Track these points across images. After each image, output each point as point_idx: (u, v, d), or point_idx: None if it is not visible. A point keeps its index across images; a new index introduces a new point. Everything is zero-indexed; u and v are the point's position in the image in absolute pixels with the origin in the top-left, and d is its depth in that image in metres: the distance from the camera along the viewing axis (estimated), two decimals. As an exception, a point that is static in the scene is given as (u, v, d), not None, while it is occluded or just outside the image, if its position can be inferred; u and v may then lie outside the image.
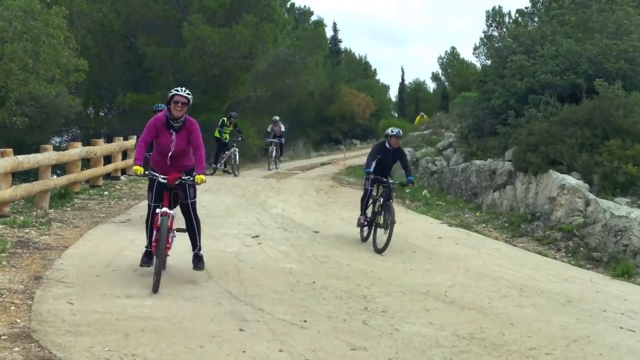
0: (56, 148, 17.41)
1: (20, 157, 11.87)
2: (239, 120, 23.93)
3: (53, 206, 13.18)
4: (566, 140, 13.80)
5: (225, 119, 22.30)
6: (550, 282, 9.28)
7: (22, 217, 11.48)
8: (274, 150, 26.17)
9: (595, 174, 13.16)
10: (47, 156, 13.19)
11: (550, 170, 13.58)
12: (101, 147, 17.25)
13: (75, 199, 14.44)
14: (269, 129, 26.64)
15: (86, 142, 18.74)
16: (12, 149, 11.97)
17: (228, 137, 22.19)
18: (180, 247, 9.92)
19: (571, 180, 12.94)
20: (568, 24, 18.83)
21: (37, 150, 13.65)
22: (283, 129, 26.63)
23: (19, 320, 6.23)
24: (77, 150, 15.06)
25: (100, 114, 32.16)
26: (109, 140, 20.47)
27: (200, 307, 6.99)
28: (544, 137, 14.18)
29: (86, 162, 16.98)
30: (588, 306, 8.07)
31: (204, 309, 6.91)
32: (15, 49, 17.50)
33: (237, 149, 22.31)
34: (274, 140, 26.08)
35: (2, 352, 5.45)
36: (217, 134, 22.15)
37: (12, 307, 6.60)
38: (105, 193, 15.76)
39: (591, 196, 12.43)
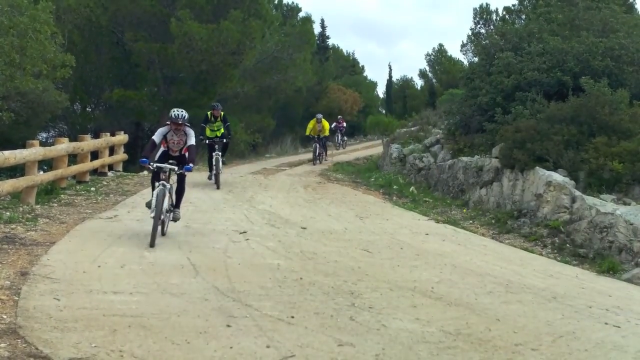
0: (43, 144, 17.34)
1: (7, 153, 11.81)
2: (225, 115, 18.27)
3: (39, 202, 13.13)
4: (552, 138, 13.87)
5: (208, 113, 17.60)
6: (536, 278, 9.33)
7: (8, 213, 11.43)
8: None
9: (581, 171, 13.23)
10: (34, 152, 13.13)
11: (537, 167, 13.65)
12: (88, 143, 17.20)
13: (62, 195, 14.39)
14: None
15: (73, 138, 18.65)
16: (-3, 144, 11.91)
17: (218, 134, 17.47)
18: (168, 244, 9.93)
19: (557, 177, 13.01)
20: (555, 22, 18.92)
21: (24, 146, 13.59)
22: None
23: (5, 316, 6.21)
24: (64, 146, 15.00)
25: (87, 109, 32.03)
26: (96, 136, 20.39)
27: (187, 303, 6.99)
28: (531, 134, 14.25)
29: (73, 158, 16.92)
30: (574, 302, 8.12)
31: (191, 305, 6.90)
32: (2, 44, 17.41)
33: (219, 154, 17.17)
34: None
35: (-11, 348, 5.44)
36: (207, 133, 17.65)
37: (-1, 303, 6.58)
38: (92, 189, 15.71)
39: (577, 193, 12.50)
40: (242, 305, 7.03)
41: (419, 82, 64.07)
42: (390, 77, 65.63)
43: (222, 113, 17.72)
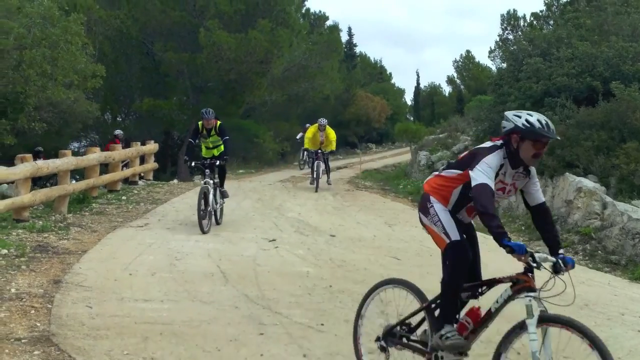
0: (75, 153, 17.57)
1: (40, 162, 12.00)
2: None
3: (72, 211, 13.30)
4: (582, 143, 13.75)
5: (199, 124, 13.01)
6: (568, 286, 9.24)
7: (41, 222, 11.60)
8: None
9: (612, 177, 13.10)
10: (66, 161, 13.32)
11: (567, 173, 13.54)
12: (119, 152, 17.38)
13: (94, 204, 14.56)
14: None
15: (104, 147, 18.88)
16: (31, 155, 12.10)
17: (215, 153, 13.00)
18: (198, 252, 10.00)
19: (588, 183, 12.89)
20: (583, 27, 18.77)
21: (56, 156, 13.79)
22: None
23: (38, 324, 6.30)
24: (95, 155, 15.18)
25: (118, 119, 32.42)
26: (127, 145, 20.61)
27: (217, 310, 7.03)
28: (560, 140, 14.12)
29: (104, 167, 17.12)
30: (606, 310, 8.03)
31: (221, 313, 6.95)
32: (34, 56, 17.69)
33: (210, 183, 12.28)
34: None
35: (23, 355, 5.52)
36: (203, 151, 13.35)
37: (32, 311, 6.67)
38: (123, 198, 15.86)
39: (608, 199, 12.37)
40: (272, 312, 7.06)
41: (446, 89, 63.96)
42: (418, 84, 65.55)
43: (219, 123, 12.89)
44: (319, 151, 19.60)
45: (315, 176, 19.23)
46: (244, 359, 5.72)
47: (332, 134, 19.89)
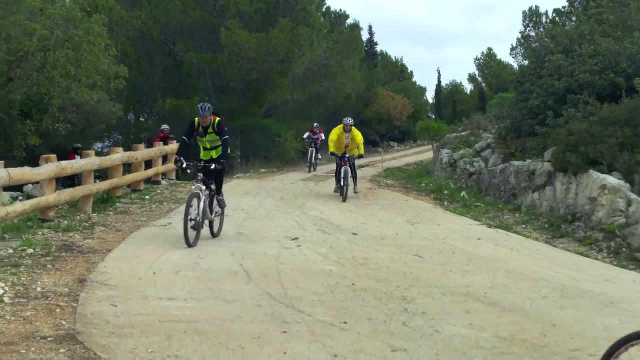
0: (98, 153, 17.73)
1: (64, 163, 12.11)
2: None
3: (96, 210, 13.42)
4: (606, 140, 13.63)
5: (195, 120, 11.04)
6: (592, 283, 9.18)
7: (66, 222, 11.71)
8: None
9: (637, 174, 12.96)
10: (90, 161, 13.43)
11: (590, 170, 13.43)
12: (142, 152, 17.49)
13: (118, 203, 14.68)
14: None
15: (127, 147, 19.02)
16: (55, 155, 12.22)
17: (213, 155, 11.19)
18: (221, 251, 10.05)
19: (612, 180, 12.79)
20: (606, 23, 18.61)
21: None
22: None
23: (64, 322, 6.36)
24: (119, 155, 15.29)
25: (141, 119, 32.66)
26: (149, 145, 20.76)
27: (240, 309, 7.06)
28: (584, 136, 14.03)
29: (127, 167, 17.24)
30: (631, 307, 7.96)
31: (244, 311, 6.97)
32: (58, 57, 17.86)
33: (201, 189, 10.63)
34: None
35: (48, 353, 5.57)
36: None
37: (58, 310, 6.73)
38: (147, 197, 15.97)
39: (633, 196, 12.26)
40: (294, 310, 7.07)
41: (468, 87, 63.81)
42: (439, 81, 65.54)
43: (217, 119, 11.05)
44: (346, 156, 17.30)
45: (342, 184, 16.89)
46: (267, 357, 5.73)
47: (358, 135, 17.72)
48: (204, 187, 10.64)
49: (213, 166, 10.81)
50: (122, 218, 12.98)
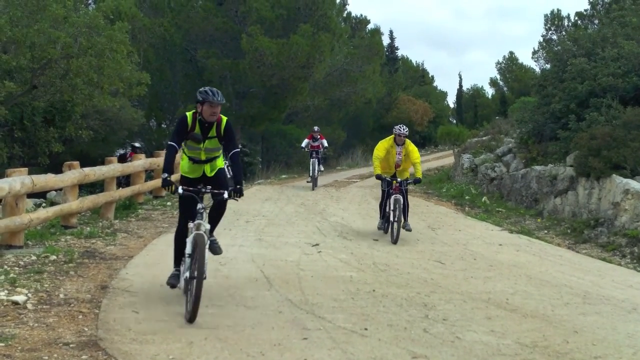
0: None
1: (87, 170, 12.21)
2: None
3: (118, 217, 13.51)
4: (630, 144, 13.52)
5: (188, 115, 7.56)
6: (615, 289, 9.10)
7: (88, 228, 11.80)
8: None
9: (661, 179, 12.86)
10: (112, 168, 13.53)
11: (614, 174, 13.32)
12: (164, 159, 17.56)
13: (140, 210, 14.76)
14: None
15: (149, 154, 19.14)
16: (78, 162, 12.32)
17: (207, 171, 8.04)
18: (242, 257, 10.08)
19: (635, 184, 12.67)
20: (629, 26, 18.46)
21: (102, 163, 14.02)
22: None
23: (86, 329, 6.40)
24: (141, 162, 15.38)
25: (162, 125, 32.82)
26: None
27: (261, 315, 7.07)
28: (607, 141, 13.91)
29: (149, 174, 17.34)
30: (655, 314, 7.89)
31: (265, 318, 6.98)
32: (81, 64, 18.02)
33: (206, 229, 7.26)
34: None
35: (71, 359, 5.62)
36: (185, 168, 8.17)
37: (80, 316, 6.78)
38: (168, 204, 16.04)
39: (657, 201, 12.15)
40: (315, 317, 7.08)
41: (489, 91, 63.52)
42: (461, 86, 65.20)
43: (226, 120, 7.64)
44: (397, 180, 12.44)
45: (392, 219, 12.11)
46: (288, 364, 5.75)
47: (415, 151, 12.74)
48: (208, 227, 7.40)
49: (226, 196, 7.49)
50: (144, 224, 13.06)
